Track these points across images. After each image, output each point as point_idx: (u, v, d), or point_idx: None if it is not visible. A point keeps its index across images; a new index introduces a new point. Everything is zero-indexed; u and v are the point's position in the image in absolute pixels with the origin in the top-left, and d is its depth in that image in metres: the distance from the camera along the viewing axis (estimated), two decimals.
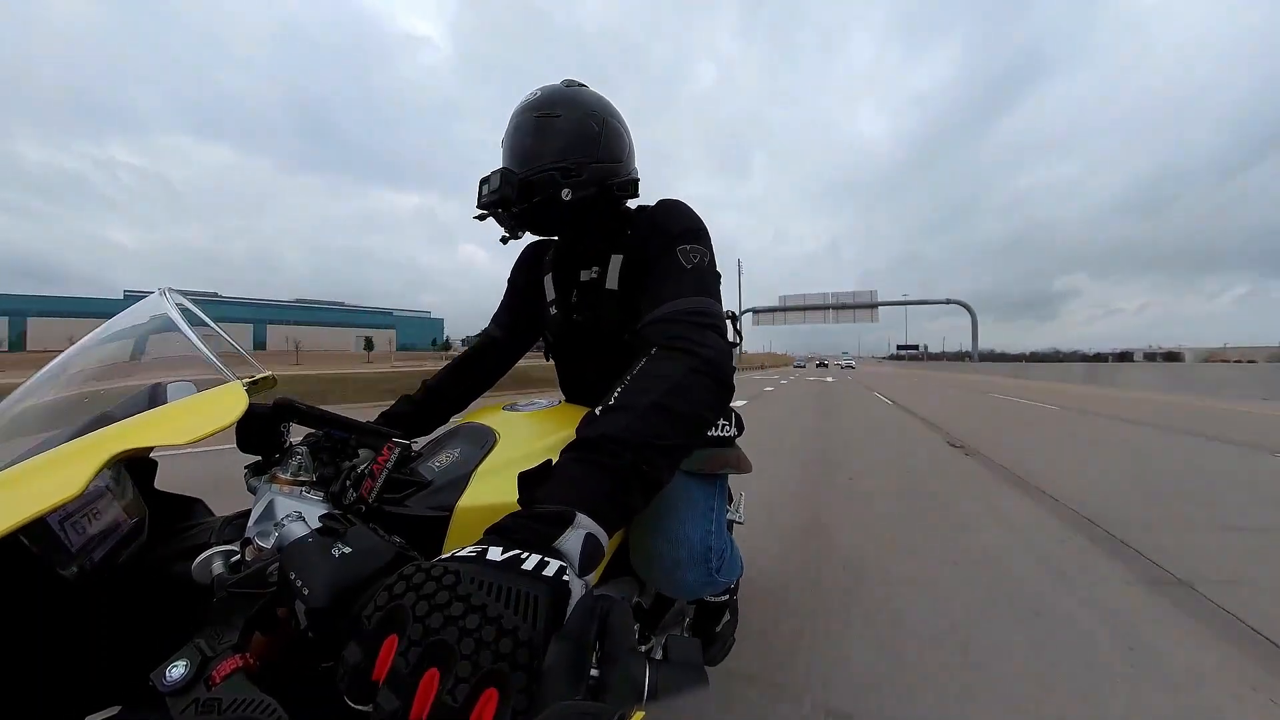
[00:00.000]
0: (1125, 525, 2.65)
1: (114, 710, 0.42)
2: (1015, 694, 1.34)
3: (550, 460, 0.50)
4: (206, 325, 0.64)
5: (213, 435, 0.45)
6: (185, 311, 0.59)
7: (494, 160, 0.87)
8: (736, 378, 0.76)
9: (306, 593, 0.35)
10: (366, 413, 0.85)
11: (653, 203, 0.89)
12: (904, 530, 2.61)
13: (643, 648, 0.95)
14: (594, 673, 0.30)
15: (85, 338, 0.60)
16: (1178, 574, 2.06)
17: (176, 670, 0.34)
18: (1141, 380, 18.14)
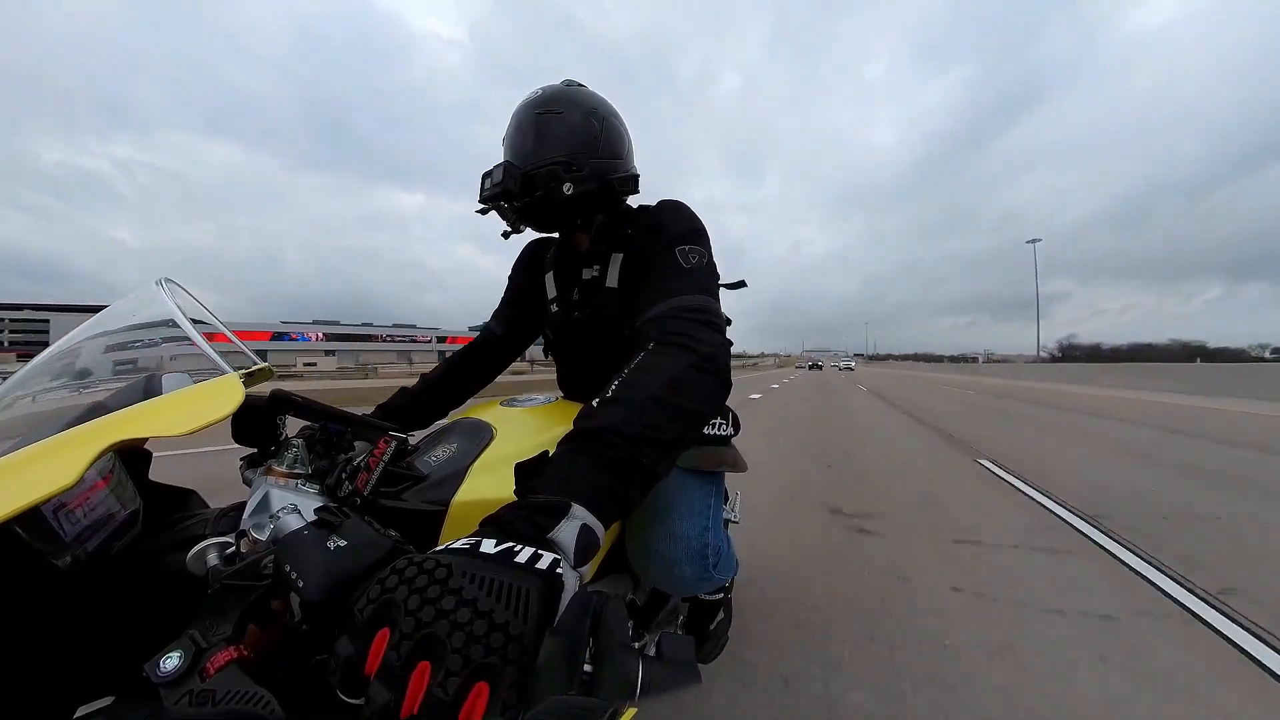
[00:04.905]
0: (891, 396, 13.75)
1: (107, 701, 0.42)
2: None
3: (547, 452, 0.50)
4: (204, 316, 0.64)
5: (209, 427, 0.45)
6: (182, 302, 0.59)
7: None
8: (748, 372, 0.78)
9: (301, 585, 0.35)
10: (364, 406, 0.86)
11: (653, 203, 0.89)
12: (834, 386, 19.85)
13: (636, 644, 0.95)
14: (587, 668, 0.30)
15: (81, 327, 0.60)
16: (895, 401, 11.90)
17: (170, 662, 0.34)
18: (971, 368, 49.01)
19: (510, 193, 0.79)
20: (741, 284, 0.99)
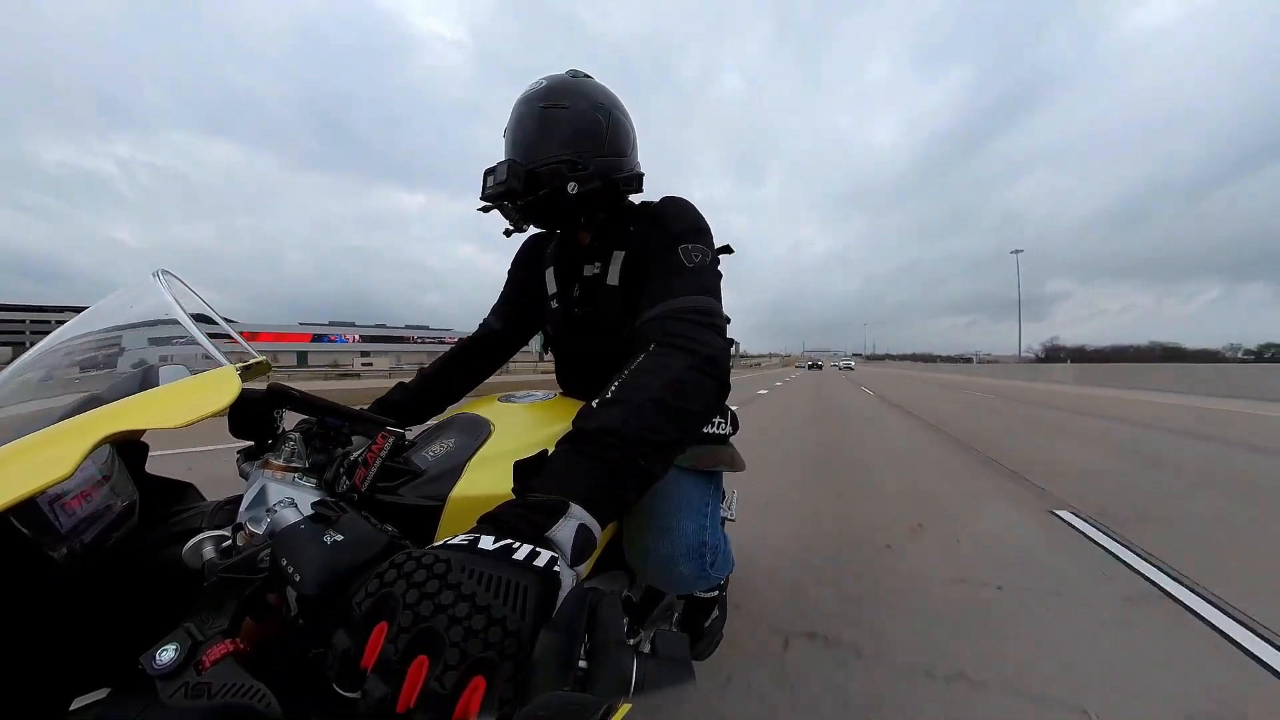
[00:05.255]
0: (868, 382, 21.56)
1: (103, 693, 0.42)
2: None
3: (546, 451, 0.50)
4: (201, 309, 0.64)
5: (205, 419, 0.45)
6: (179, 294, 0.59)
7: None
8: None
9: (297, 579, 0.35)
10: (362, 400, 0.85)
11: (656, 199, 0.88)
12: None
13: (631, 641, 0.95)
14: (582, 664, 0.30)
15: (77, 318, 0.59)
16: (865, 385, 19.42)
17: (166, 654, 0.34)
18: (939, 367, 61.10)
19: (514, 191, 0.77)
20: (727, 249, 0.94)
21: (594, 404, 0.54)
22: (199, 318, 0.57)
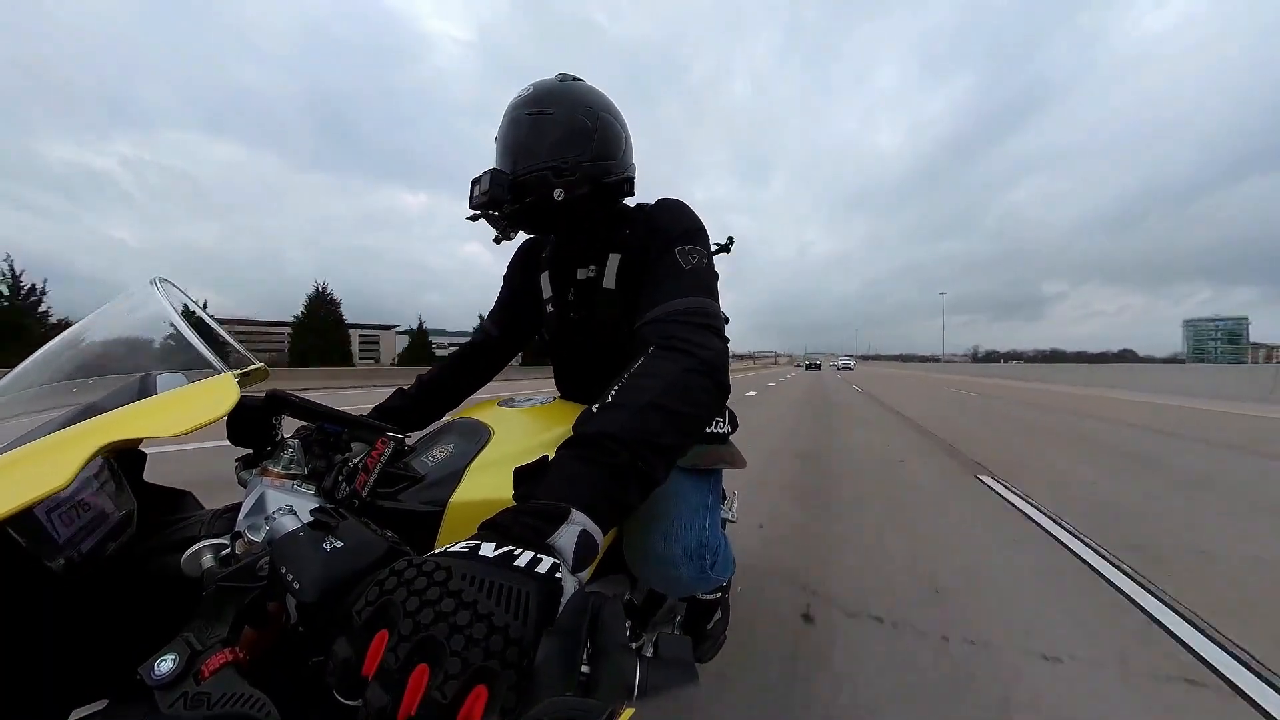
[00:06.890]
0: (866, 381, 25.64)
1: (101, 704, 0.42)
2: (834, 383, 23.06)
3: (546, 456, 0.50)
4: (200, 316, 0.64)
5: (203, 427, 0.44)
6: (177, 302, 0.59)
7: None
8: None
9: (297, 587, 0.35)
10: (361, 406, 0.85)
11: (651, 201, 0.88)
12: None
13: (634, 645, 0.95)
14: (585, 669, 0.30)
15: (74, 326, 0.59)
16: (858, 384, 22.27)
17: (165, 664, 0.34)
18: (938, 366, 67.83)
19: (499, 201, 0.77)
20: (727, 246, 0.98)
21: (594, 409, 0.54)
22: (197, 324, 0.57)
